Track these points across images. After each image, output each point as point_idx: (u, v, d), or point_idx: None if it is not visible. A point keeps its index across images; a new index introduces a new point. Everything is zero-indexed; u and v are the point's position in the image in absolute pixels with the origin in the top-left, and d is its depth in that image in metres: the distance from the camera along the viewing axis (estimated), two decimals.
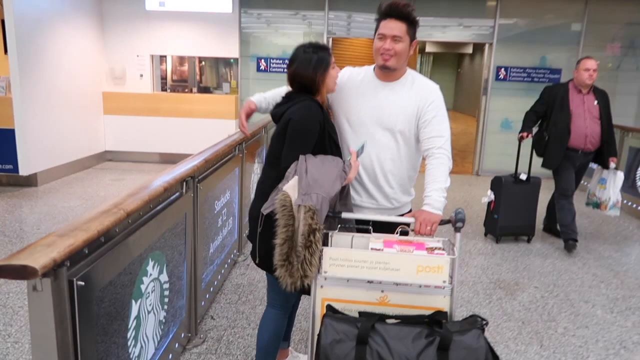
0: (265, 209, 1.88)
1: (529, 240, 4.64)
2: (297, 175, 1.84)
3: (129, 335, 1.93)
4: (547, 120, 4.40)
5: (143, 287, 2.04)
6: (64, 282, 1.44)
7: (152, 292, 2.15)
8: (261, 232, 1.96)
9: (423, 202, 2.03)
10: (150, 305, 2.13)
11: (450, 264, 1.84)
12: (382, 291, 1.90)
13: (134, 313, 1.96)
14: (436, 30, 8.06)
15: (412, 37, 2.07)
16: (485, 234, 4.76)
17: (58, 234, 1.49)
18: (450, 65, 20.33)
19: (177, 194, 2.48)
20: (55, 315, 1.42)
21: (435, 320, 1.80)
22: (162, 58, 8.44)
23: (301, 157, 1.90)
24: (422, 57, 20.42)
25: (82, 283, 1.51)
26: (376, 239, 1.95)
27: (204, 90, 8.83)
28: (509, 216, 4.52)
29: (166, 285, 2.34)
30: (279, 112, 2.04)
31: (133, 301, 1.95)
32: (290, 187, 1.80)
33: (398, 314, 1.85)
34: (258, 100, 2.31)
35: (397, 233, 2.00)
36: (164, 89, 8.48)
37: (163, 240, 2.28)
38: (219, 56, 8.30)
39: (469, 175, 7.95)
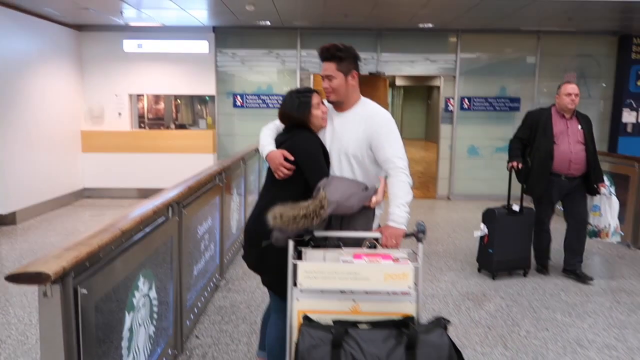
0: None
1: (525, 274, 4.39)
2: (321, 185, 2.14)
3: (123, 345, 2.09)
4: (529, 145, 4.27)
5: (135, 300, 2.22)
6: (70, 289, 1.63)
7: (143, 306, 2.32)
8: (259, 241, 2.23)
9: (388, 218, 2.26)
10: (141, 319, 2.30)
11: (414, 271, 2.07)
12: (354, 300, 2.09)
13: (127, 324, 2.13)
14: (405, 65, 8.58)
15: (347, 71, 2.32)
16: (479, 270, 4.51)
17: (64, 248, 1.69)
18: (421, 97, 21.08)
19: (164, 217, 2.68)
20: (63, 319, 1.60)
21: (403, 323, 2.01)
22: (139, 97, 8.67)
23: (332, 175, 2.23)
24: (394, 90, 21.18)
25: (85, 291, 1.70)
26: (346, 253, 2.17)
27: (181, 127, 9.05)
28: (504, 250, 4.28)
29: (155, 302, 2.51)
30: (278, 140, 2.36)
31: (127, 313, 2.12)
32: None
33: (369, 320, 2.05)
34: (273, 144, 2.40)
35: (364, 246, 2.24)
36: (141, 127, 8.67)
37: (152, 259, 2.47)
38: (196, 94, 8.60)
39: (433, 200, 8.28)
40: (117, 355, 2.05)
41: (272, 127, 2.47)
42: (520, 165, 4.20)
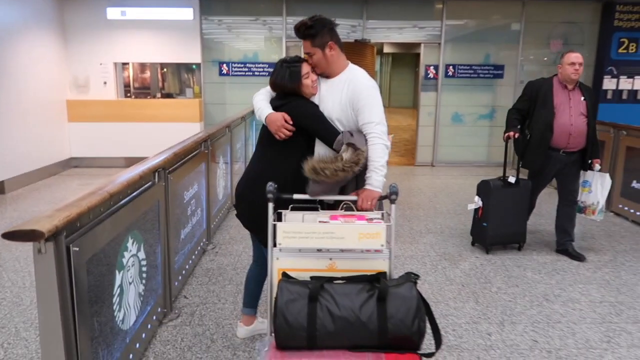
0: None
1: (519, 248, 4.33)
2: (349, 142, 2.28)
3: (114, 300, 2.24)
4: (529, 117, 4.09)
5: (124, 260, 2.35)
6: (63, 246, 1.75)
7: (132, 266, 2.46)
8: (256, 202, 2.33)
9: (365, 182, 2.38)
10: (131, 277, 2.44)
11: (387, 230, 2.20)
12: (331, 259, 2.23)
13: (117, 282, 2.27)
14: (391, 32, 8.57)
15: (323, 45, 2.39)
16: (473, 243, 4.44)
17: (56, 209, 1.80)
18: (409, 65, 21.00)
19: (150, 182, 2.79)
20: (57, 274, 1.73)
21: (375, 278, 2.16)
22: (124, 66, 8.62)
23: (345, 132, 2.35)
24: (382, 58, 21.06)
25: (77, 249, 1.83)
26: (323, 214, 2.30)
27: (167, 96, 9.03)
28: (499, 223, 4.16)
29: (144, 262, 2.65)
30: (273, 104, 2.45)
31: (117, 271, 2.26)
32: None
33: (344, 277, 2.19)
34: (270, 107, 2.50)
35: (341, 208, 2.37)
36: (127, 96, 8.65)
37: (140, 222, 2.59)
38: (181, 62, 8.56)
39: (415, 167, 8.44)
40: (109, 310, 2.20)
41: (265, 92, 2.55)
42: (517, 135, 4.03)
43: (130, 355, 2.47)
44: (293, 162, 2.34)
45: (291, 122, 2.35)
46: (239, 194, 2.56)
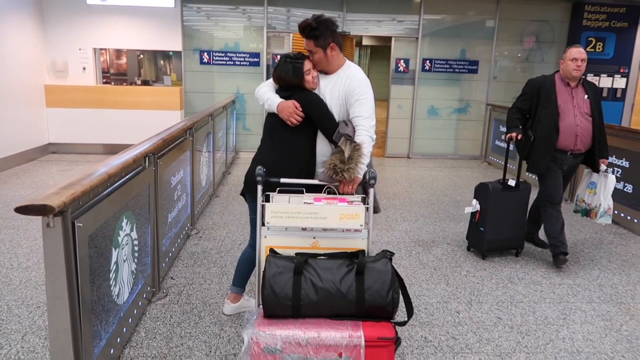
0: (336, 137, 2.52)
1: (517, 254, 4.18)
2: (345, 133, 2.46)
3: (110, 276, 2.38)
4: (531, 117, 3.92)
5: (120, 238, 2.49)
6: (69, 222, 1.89)
7: (126, 244, 2.60)
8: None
9: None
10: (125, 255, 2.58)
11: (365, 212, 2.40)
12: (314, 237, 2.43)
13: (114, 258, 2.41)
14: (370, 25, 8.74)
15: (325, 45, 2.56)
16: (469, 248, 4.27)
17: (61, 187, 1.93)
18: (387, 57, 21.18)
19: (141, 166, 2.92)
20: (65, 247, 1.86)
21: (355, 255, 2.36)
22: (101, 51, 8.57)
23: (341, 122, 2.55)
24: (360, 50, 21.22)
25: (81, 224, 1.96)
26: (308, 197, 2.48)
27: (144, 83, 9.00)
28: (497, 228, 4.00)
29: (136, 242, 2.79)
30: (279, 95, 2.61)
31: (113, 248, 2.40)
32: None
33: (327, 253, 2.39)
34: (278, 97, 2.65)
35: (324, 192, 2.56)
36: (105, 82, 8.61)
37: (132, 203, 2.73)
38: (162, 49, 8.56)
39: (387, 158, 8.70)
40: (107, 284, 2.34)
41: (268, 84, 2.70)
42: (519, 136, 3.86)
43: (124, 329, 2.62)
44: (304, 149, 2.56)
45: (300, 109, 2.52)
46: (253, 181, 2.59)
